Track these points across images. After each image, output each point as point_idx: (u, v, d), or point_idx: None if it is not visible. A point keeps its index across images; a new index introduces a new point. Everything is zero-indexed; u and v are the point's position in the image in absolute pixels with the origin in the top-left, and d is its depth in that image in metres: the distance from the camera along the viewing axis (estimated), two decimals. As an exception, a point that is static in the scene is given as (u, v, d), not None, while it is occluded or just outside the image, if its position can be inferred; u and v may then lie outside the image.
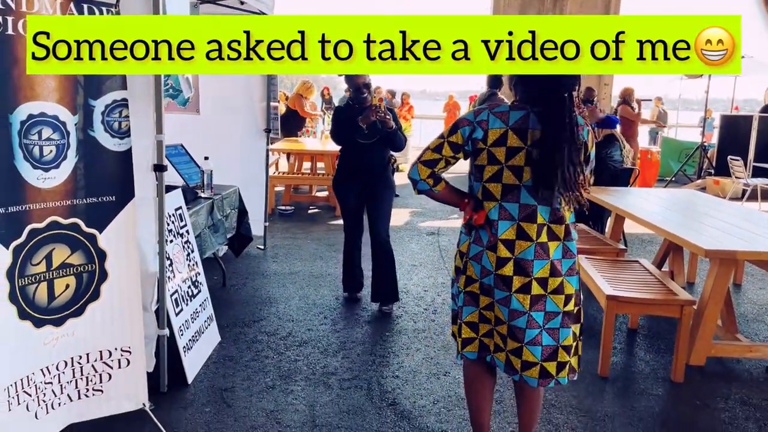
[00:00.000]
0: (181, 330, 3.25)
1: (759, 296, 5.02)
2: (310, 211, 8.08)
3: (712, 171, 11.57)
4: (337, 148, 8.92)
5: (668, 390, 3.34)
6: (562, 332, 2.23)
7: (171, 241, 3.32)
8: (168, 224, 3.29)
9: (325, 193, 8.97)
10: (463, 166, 2.72)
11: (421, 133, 18.48)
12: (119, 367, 2.56)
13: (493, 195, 2.15)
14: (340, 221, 8.07)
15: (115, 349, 2.54)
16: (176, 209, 3.51)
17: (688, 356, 3.45)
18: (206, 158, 4.27)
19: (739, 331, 3.92)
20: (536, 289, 2.17)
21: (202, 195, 4.20)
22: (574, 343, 2.32)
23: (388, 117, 4.02)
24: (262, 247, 5.92)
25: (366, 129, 4.09)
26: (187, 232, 3.61)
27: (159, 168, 2.91)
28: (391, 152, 10.08)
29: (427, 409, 3.05)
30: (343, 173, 4.37)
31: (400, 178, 10.84)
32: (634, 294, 3.45)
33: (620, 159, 6.14)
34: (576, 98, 2.16)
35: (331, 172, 8.48)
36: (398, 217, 7.80)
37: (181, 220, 3.55)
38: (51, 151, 2.26)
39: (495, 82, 9.07)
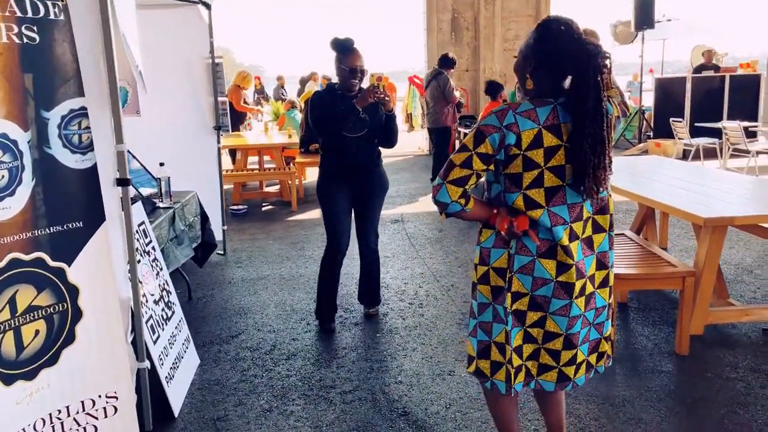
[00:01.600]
0: (160, 359, 2.92)
1: (731, 256, 5.07)
2: (263, 209, 7.72)
3: (651, 134, 11.86)
4: (281, 139, 8.71)
5: (676, 364, 3.26)
6: (606, 325, 2.14)
7: (139, 261, 2.98)
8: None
9: (276, 188, 8.62)
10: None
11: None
12: (105, 416, 2.23)
13: (537, 202, 1.93)
14: (299, 216, 7.84)
15: (99, 396, 2.21)
16: (139, 225, 3.16)
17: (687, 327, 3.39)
18: (162, 164, 3.89)
19: (729, 296, 3.91)
20: (588, 288, 2.02)
21: (161, 205, 3.84)
22: (611, 330, 2.21)
23: (387, 98, 3.55)
24: (222, 252, 5.56)
25: (362, 113, 3.51)
26: (153, 248, 3.26)
27: (122, 182, 2.57)
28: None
29: (442, 415, 2.86)
30: (331, 174, 3.73)
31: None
32: (634, 270, 3.35)
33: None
34: (607, 79, 1.91)
35: (282, 166, 8.13)
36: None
37: (146, 236, 3.20)
38: (2, 176, 1.90)
39: (446, 62, 8.89)
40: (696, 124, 9.86)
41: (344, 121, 3.56)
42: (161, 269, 3.29)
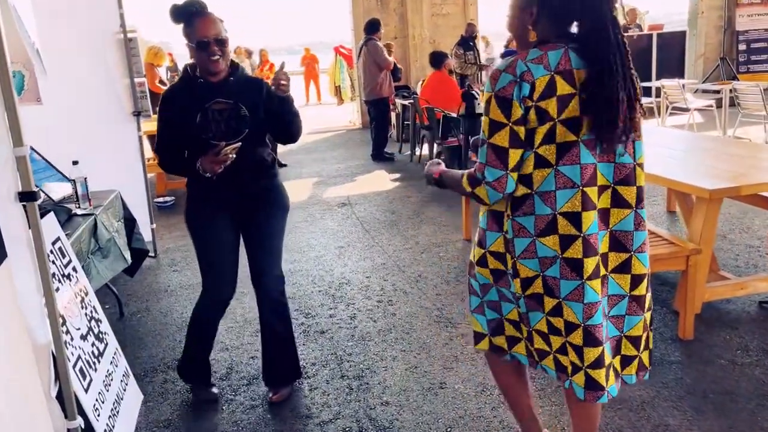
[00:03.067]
0: (96, 409, 2.35)
1: (698, 221, 4.89)
2: (193, 199, 7.01)
3: (583, 96, 11.76)
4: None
5: (684, 352, 2.98)
6: (628, 320, 1.84)
7: (57, 290, 2.37)
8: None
9: (203, 175, 7.90)
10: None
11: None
12: None
13: (546, 160, 1.69)
14: None
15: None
16: (54, 242, 2.53)
17: (689, 307, 3.12)
18: (75, 162, 3.23)
19: (720, 269, 3.68)
20: (602, 269, 1.76)
21: (79, 212, 3.19)
22: (644, 334, 1.88)
23: (284, 83, 2.53)
24: (154, 255, 4.90)
25: (243, 111, 2.56)
26: (74, 269, 2.64)
27: (26, 197, 1.96)
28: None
29: (444, 441, 2.45)
30: (202, 198, 2.69)
31: (280, 146, 9.97)
32: (633, 252, 3.02)
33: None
34: (624, 16, 1.71)
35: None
36: (298, 190, 6.98)
37: (63, 256, 2.58)
38: None
39: (371, 27, 8.36)
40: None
41: (207, 124, 2.54)
42: (86, 293, 2.68)
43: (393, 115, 9.58)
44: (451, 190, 1.92)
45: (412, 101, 8.38)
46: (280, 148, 9.02)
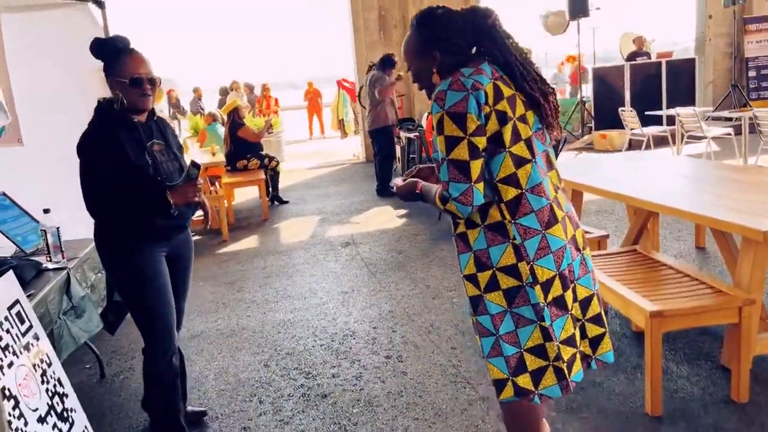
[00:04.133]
0: (53, 508, 1.97)
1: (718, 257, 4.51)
2: (189, 240, 6.68)
3: (592, 125, 11.51)
4: (203, 158, 7.63)
5: (742, 417, 2.58)
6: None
7: (10, 366, 2.02)
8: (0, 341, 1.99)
9: (199, 214, 7.56)
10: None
11: (291, 127, 17.12)
12: None
13: (523, 157, 1.77)
14: (232, 246, 6.67)
15: None
16: (10, 307, 2.19)
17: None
18: (47, 211, 2.90)
19: (768, 315, 3.29)
20: (584, 235, 1.95)
21: (50, 266, 2.84)
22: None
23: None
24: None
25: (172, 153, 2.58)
26: (36, 337, 2.28)
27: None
28: (266, 153, 8.22)
29: None
30: (149, 243, 2.54)
31: (287, 179, 9.68)
32: (677, 304, 2.65)
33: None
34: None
35: (207, 189, 7.09)
36: (300, 228, 6.65)
37: (22, 322, 2.23)
38: None
39: (384, 63, 8.10)
40: (646, 113, 9.48)
41: (156, 164, 2.48)
42: (49, 364, 2.32)
43: (398, 148, 9.30)
44: (431, 205, 1.89)
45: (417, 134, 8.09)
46: (282, 184, 8.72)
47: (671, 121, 9.18)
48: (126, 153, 2.41)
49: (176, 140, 2.71)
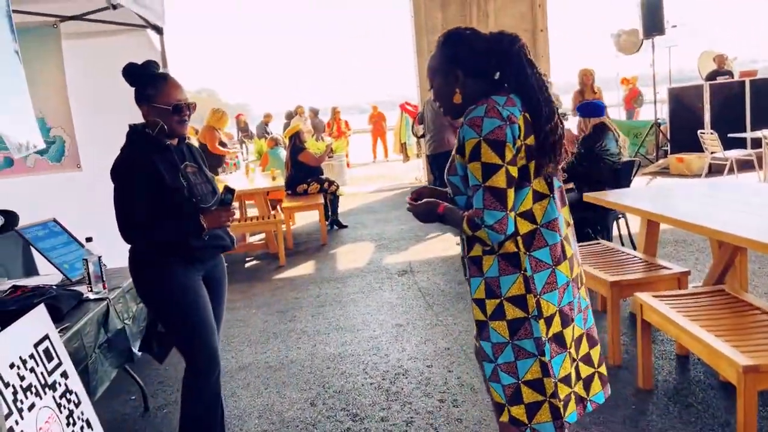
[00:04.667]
0: None
1: (833, 298, 4.02)
2: (247, 265, 6.63)
3: (668, 148, 10.90)
4: (264, 182, 7.62)
5: None
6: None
7: (31, 409, 1.90)
8: (20, 381, 1.88)
9: (259, 238, 7.54)
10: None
11: (355, 150, 17.16)
12: None
13: (542, 192, 1.83)
14: (288, 272, 6.50)
15: None
16: (38, 344, 2.08)
17: None
18: (89, 239, 2.83)
19: None
20: (583, 274, 2.00)
21: (91, 296, 2.76)
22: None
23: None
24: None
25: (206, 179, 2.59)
26: (64, 375, 2.17)
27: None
28: (327, 178, 8.12)
29: None
30: (185, 267, 2.49)
31: (348, 203, 9.59)
32: (778, 357, 2.28)
33: (617, 152, 5.09)
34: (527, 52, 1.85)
35: (266, 213, 7.04)
36: (356, 254, 6.48)
37: (50, 359, 2.12)
38: None
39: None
40: (729, 135, 8.86)
41: (191, 186, 2.46)
42: (78, 403, 2.20)
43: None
44: (451, 227, 1.90)
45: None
46: (342, 208, 8.62)
47: (757, 144, 8.55)
48: (161, 175, 2.39)
49: (206, 165, 2.71)
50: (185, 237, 2.43)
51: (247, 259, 6.85)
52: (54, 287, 2.92)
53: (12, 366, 1.90)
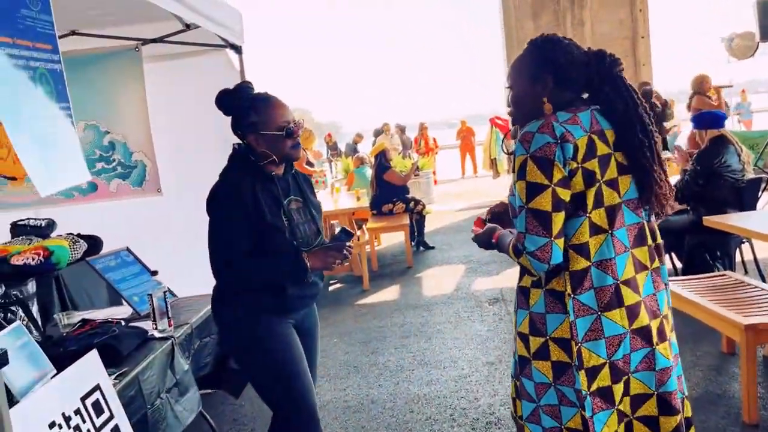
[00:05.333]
0: None
1: None
2: (330, 288, 6.42)
3: (791, 161, 9.82)
4: (348, 203, 7.42)
5: None
6: (683, 379, 1.81)
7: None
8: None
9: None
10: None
11: (443, 166, 16.81)
12: None
13: (600, 227, 1.63)
14: (371, 297, 6.08)
15: None
16: (86, 396, 1.88)
17: None
18: (154, 273, 2.67)
19: None
20: (667, 330, 1.71)
21: (156, 334, 2.57)
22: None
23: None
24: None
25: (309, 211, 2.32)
26: (116, 430, 1.96)
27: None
28: (413, 197, 7.77)
29: None
30: (280, 315, 2.25)
31: (435, 221, 9.27)
32: None
33: (740, 167, 4.47)
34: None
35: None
36: (443, 279, 6.12)
37: (100, 413, 1.91)
38: None
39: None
40: None
41: (293, 226, 2.19)
42: (131, 461, 1.99)
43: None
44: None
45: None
46: (429, 227, 8.30)
47: None
48: (262, 211, 2.12)
49: (314, 197, 2.42)
50: (284, 279, 2.18)
51: (331, 282, 6.64)
52: (122, 321, 2.78)
53: (52, 425, 1.70)
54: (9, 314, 2.37)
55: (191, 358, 2.83)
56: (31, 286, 2.53)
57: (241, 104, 2.19)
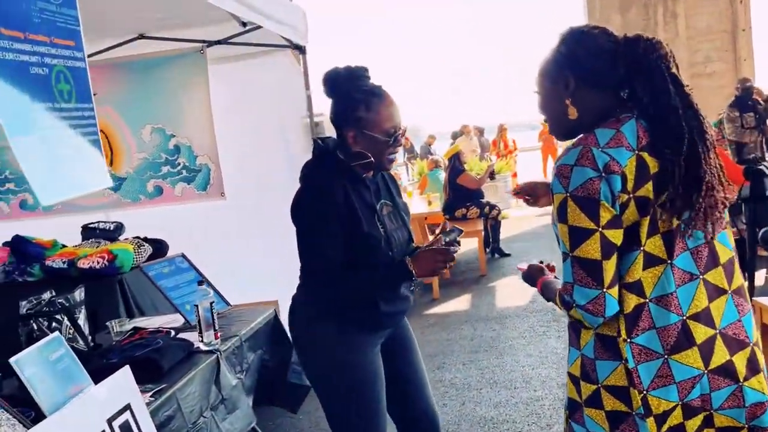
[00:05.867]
0: None
1: None
2: (400, 296, 6.21)
3: None
4: (420, 208, 7.20)
5: None
6: None
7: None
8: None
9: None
10: None
11: (524, 168, 16.27)
12: None
13: (657, 257, 1.37)
14: (440, 307, 5.80)
15: None
16: (113, 418, 1.75)
17: None
18: (201, 282, 2.53)
19: None
20: (760, 356, 1.43)
21: (203, 347, 2.45)
22: None
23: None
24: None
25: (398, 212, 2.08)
26: (147, 454, 1.83)
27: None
28: (488, 201, 7.37)
29: None
30: (368, 333, 2.01)
31: (513, 227, 8.91)
32: None
33: None
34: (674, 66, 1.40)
35: (423, 240, 6.61)
36: (519, 288, 5.78)
37: (128, 436, 1.78)
38: None
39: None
40: None
41: (388, 234, 1.94)
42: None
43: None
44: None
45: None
46: (506, 233, 7.95)
47: None
48: (358, 219, 1.89)
49: (401, 199, 2.16)
50: (385, 290, 1.95)
51: (400, 289, 6.44)
52: (172, 331, 2.68)
53: (71, 451, 1.58)
54: (54, 323, 2.30)
55: (246, 371, 2.70)
56: (79, 294, 2.46)
57: (354, 95, 1.91)
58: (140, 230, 3.81)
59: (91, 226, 3.93)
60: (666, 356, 1.38)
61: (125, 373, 1.87)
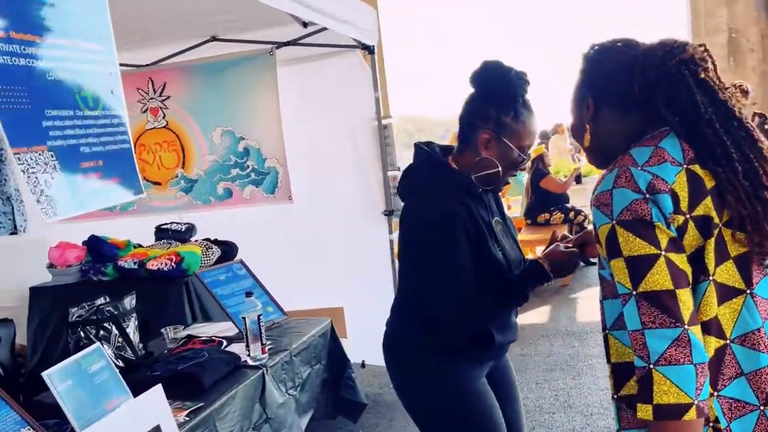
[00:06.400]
0: None
1: None
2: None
3: None
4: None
5: None
6: None
7: None
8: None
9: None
10: None
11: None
12: None
13: (732, 287, 1.17)
14: (516, 320, 5.75)
15: None
16: (140, 440, 1.67)
17: None
18: (249, 294, 2.43)
19: None
20: None
21: (250, 361, 2.35)
22: None
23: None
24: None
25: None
26: (175, 479, 1.74)
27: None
28: (573, 206, 6.99)
29: None
30: (480, 362, 1.84)
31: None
32: None
33: None
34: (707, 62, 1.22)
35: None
36: (597, 304, 5.40)
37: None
38: None
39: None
40: None
41: (505, 252, 1.74)
42: None
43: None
44: None
45: None
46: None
47: None
48: (485, 238, 1.70)
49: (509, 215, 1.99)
50: (520, 297, 1.79)
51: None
52: (224, 341, 2.62)
53: (89, 478, 1.50)
54: (102, 331, 2.27)
55: (299, 387, 2.58)
56: (129, 301, 2.42)
57: (510, 96, 1.70)
58: (210, 232, 3.81)
59: (164, 227, 3.97)
60: (762, 407, 1.17)
61: (156, 393, 1.80)
